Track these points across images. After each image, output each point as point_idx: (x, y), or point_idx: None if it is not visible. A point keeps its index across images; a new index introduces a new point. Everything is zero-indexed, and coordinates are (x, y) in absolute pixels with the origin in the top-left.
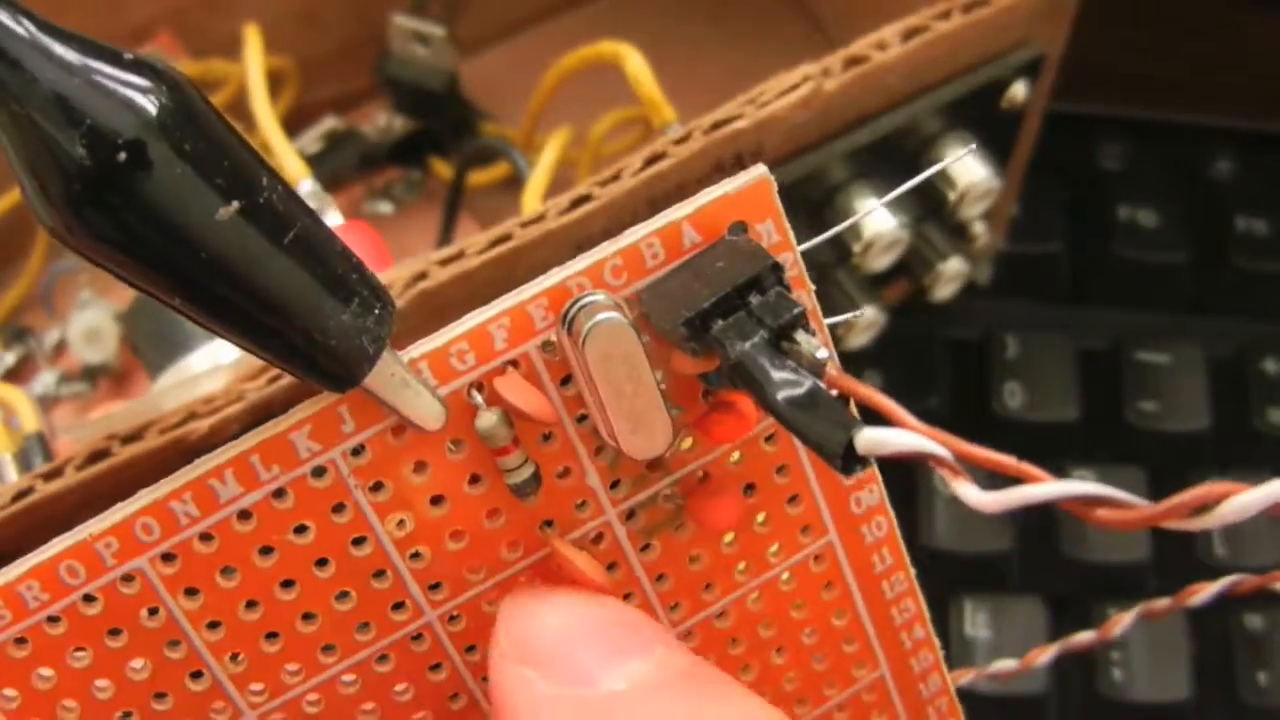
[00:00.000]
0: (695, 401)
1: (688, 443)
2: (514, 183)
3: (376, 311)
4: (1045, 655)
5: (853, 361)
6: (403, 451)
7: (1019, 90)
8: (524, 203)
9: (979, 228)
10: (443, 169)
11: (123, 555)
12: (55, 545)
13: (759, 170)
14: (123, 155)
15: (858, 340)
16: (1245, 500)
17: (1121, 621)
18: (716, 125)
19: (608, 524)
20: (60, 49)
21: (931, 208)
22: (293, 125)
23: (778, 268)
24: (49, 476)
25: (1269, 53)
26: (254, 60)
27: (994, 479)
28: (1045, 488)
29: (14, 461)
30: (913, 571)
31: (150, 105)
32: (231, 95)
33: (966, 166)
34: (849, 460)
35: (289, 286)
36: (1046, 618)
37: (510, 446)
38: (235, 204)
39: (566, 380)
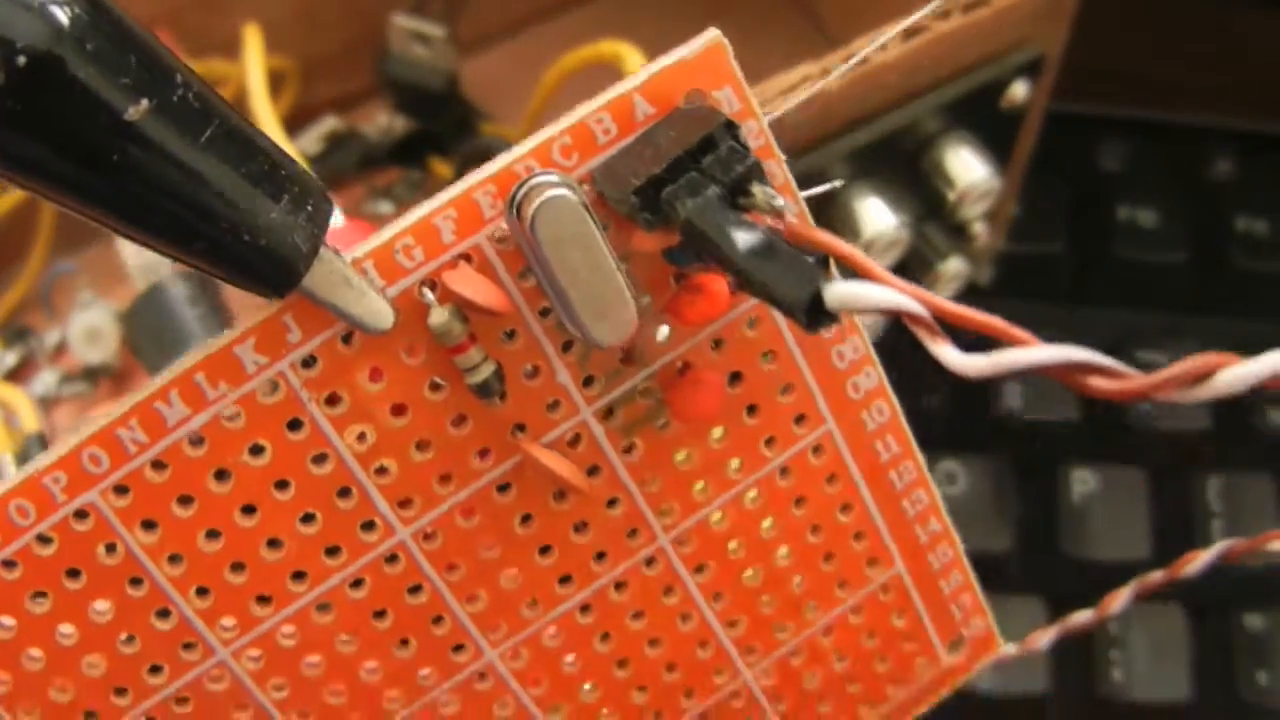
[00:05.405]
0: (666, 287)
1: (664, 332)
2: None
3: (309, 208)
4: (1046, 637)
5: None
6: (355, 360)
7: (1019, 90)
8: None
9: (979, 228)
10: (443, 169)
11: (73, 489)
12: (1, 485)
13: (712, 34)
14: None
15: None
16: (1242, 371)
17: (1119, 597)
18: None
19: (584, 424)
20: None
21: (931, 208)
22: (293, 125)
23: (731, 125)
24: None
25: (1268, 53)
26: (254, 60)
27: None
28: (1034, 352)
29: (15, 462)
30: (921, 460)
31: (63, 15)
32: (232, 95)
33: (967, 166)
34: (814, 314)
35: (210, 185)
36: (1047, 618)
37: (466, 343)
38: (145, 103)
39: (526, 274)
